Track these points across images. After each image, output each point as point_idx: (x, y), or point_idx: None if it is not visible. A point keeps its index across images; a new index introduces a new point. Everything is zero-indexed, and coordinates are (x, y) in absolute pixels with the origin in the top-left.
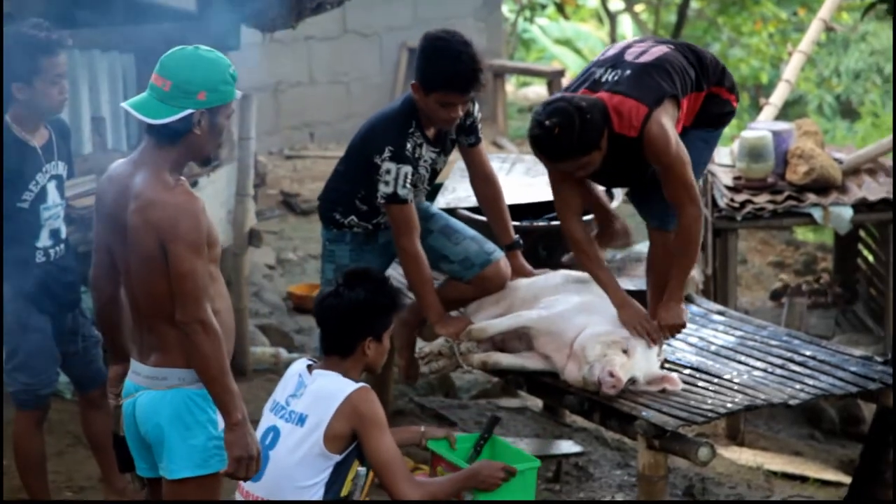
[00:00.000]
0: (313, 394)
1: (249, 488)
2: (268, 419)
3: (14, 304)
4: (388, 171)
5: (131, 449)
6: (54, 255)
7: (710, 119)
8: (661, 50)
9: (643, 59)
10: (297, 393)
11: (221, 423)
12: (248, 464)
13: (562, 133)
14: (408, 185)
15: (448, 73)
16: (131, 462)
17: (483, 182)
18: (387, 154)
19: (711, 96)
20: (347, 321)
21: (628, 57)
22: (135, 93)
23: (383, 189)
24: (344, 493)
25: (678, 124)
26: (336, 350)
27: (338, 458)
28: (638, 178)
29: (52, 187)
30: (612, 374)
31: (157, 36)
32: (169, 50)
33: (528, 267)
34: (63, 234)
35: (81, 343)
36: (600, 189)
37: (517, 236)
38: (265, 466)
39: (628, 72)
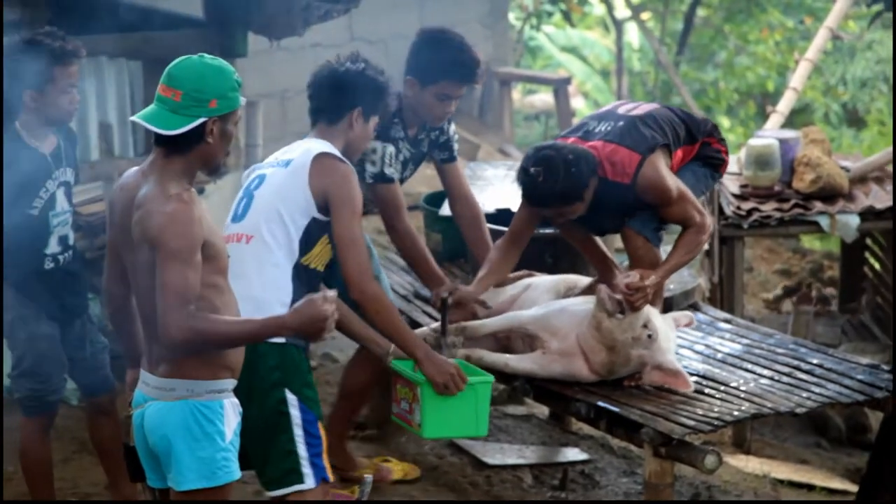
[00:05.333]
0: (302, 147)
1: (232, 230)
2: (253, 173)
3: (22, 310)
4: (374, 150)
5: (141, 459)
6: (63, 261)
7: (701, 158)
8: (651, 106)
9: (634, 112)
10: (288, 150)
11: (230, 435)
12: None
13: (545, 182)
14: (394, 165)
15: (450, 63)
16: (142, 472)
17: (460, 202)
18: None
19: (703, 144)
20: (341, 86)
21: (620, 111)
22: (142, 100)
23: (370, 169)
24: (312, 264)
25: (671, 170)
26: (324, 116)
27: (316, 213)
28: (622, 224)
29: (60, 194)
30: (628, 286)
31: (165, 43)
32: (176, 58)
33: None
34: (71, 241)
35: (89, 349)
36: (601, 242)
37: None
38: (249, 206)
39: (620, 123)
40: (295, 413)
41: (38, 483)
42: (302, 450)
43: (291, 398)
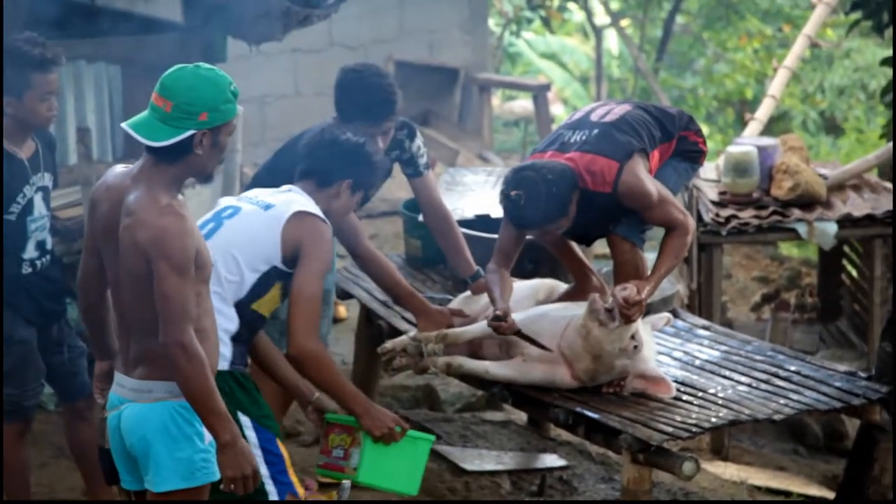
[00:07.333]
0: (286, 197)
1: None
2: (228, 201)
3: None
4: None
5: (116, 462)
6: (40, 266)
7: (680, 153)
8: (623, 109)
9: (608, 118)
10: (271, 194)
11: (209, 437)
12: (245, 482)
13: (527, 204)
14: None
15: (360, 105)
16: (117, 475)
17: (431, 214)
18: None
19: (681, 138)
20: (340, 155)
21: (593, 118)
22: (121, 104)
23: None
24: (259, 309)
25: (650, 173)
26: (315, 176)
27: (279, 263)
28: (608, 230)
29: (38, 199)
30: (625, 300)
31: (144, 47)
32: (156, 61)
33: None
34: (49, 246)
35: (67, 354)
36: (575, 245)
37: (478, 268)
38: (214, 233)
39: (595, 131)
40: (251, 434)
41: (15, 488)
42: (263, 469)
43: (245, 420)
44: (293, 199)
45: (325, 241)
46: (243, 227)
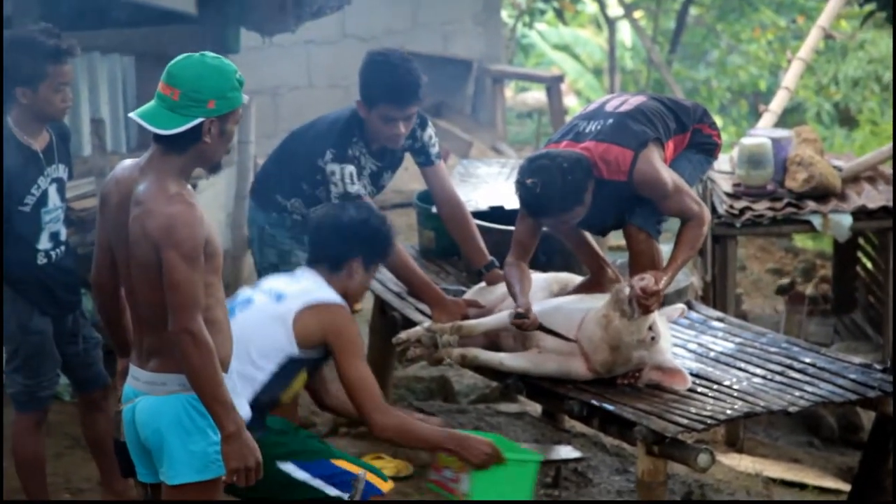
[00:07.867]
0: (299, 286)
1: None
2: (245, 292)
3: (15, 306)
4: (333, 173)
5: (132, 455)
6: (55, 257)
7: (695, 145)
8: (638, 100)
9: (622, 108)
10: (287, 282)
11: None
12: (247, 474)
13: (543, 192)
14: (356, 182)
15: (384, 86)
16: (133, 467)
17: (444, 204)
18: (329, 157)
19: (695, 131)
20: (345, 234)
21: (608, 108)
22: (134, 95)
23: (334, 191)
24: (284, 398)
25: (665, 163)
26: (326, 261)
27: (296, 352)
28: (624, 220)
29: (53, 190)
30: (643, 290)
31: (158, 39)
32: (169, 52)
33: None
34: (63, 237)
35: (82, 345)
36: (590, 237)
37: (491, 258)
38: None
39: (610, 121)
40: (301, 474)
41: (30, 478)
42: (332, 491)
43: (289, 467)
44: (305, 288)
45: (348, 326)
46: (254, 319)
